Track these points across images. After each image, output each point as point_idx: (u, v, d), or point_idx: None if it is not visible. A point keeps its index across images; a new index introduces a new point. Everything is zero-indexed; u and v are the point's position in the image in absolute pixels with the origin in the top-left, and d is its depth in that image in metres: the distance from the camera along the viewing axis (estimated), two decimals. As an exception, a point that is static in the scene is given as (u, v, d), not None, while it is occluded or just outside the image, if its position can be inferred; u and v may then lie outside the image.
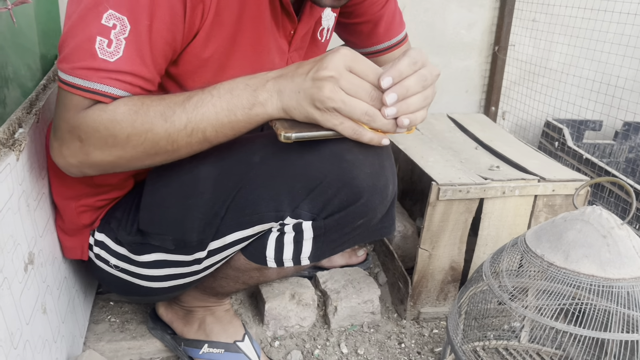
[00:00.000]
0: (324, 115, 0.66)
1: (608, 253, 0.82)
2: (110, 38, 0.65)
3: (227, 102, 0.68)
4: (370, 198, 0.75)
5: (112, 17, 0.65)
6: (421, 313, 1.23)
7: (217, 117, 0.68)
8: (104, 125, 0.67)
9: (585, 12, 1.68)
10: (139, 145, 0.69)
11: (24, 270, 0.72)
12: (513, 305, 0.86)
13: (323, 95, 0.64)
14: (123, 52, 0.66)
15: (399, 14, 1.03)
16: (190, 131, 0.68)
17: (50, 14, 1.14)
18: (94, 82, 0.66)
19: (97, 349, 1.04)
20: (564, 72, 1.78)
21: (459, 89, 1.90)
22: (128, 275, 0.89)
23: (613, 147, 1.83)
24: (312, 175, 0.74)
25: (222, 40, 0.75)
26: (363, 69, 0.66)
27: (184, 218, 0.79)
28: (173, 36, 0.69)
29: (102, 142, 0.69)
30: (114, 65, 0.66)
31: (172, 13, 0.67)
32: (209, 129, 0.68)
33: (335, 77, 0.64)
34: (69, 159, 0.71)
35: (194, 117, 0.68)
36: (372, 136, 0.69)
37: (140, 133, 0.68)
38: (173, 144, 0.69)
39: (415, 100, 0.67)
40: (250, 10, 0.77)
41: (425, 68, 0.67)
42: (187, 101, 0.68)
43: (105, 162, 0.71)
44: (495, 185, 1.15)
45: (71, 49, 0.66)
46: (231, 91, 0.68)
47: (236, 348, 1.03)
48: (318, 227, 0.78)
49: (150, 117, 0.67)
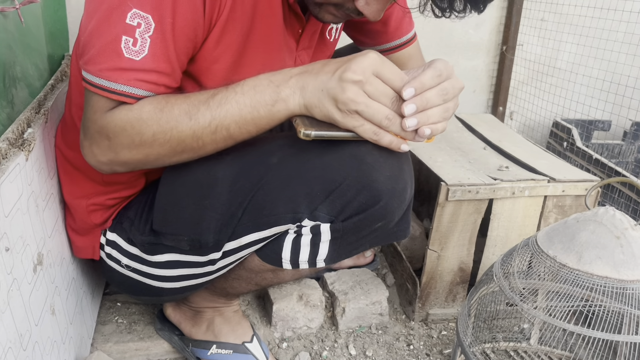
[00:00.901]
0: (345, 117, 0.67)
1: (622, 254, 0.81)
2: (135, 37, 0.66)
3: (250, 99, 0.68)
4: (389, 201, 0.75)
5: (137, 16, 0.65)
6: (430, 314, 1.22)
7: (240, 114, 0.68)
8: (131, 124, 0.68)
9: (594, 12, 1.67)
10: (165, 142, 0.70)
11: (33, 271, 0.72)
12: (524, 306, 0.85)
13: (347, 97, 0.65)
14: (148, 50, 0.66)
15: (408, 13, 1.02)
16: (215, 128, 0.69)
17: (58, 14, 1.13)
18: (120, 84, 0.67)
19: (105, 350, 1.04)
20: (572, 72, 1.77)
21: (466, 88, 1.89)
22: (139, 275, 0.89)
23: (622, 147, 1.82)
24: (331, 178, 0.73)
25: (235, 36, 0.75)
26: (390, 76, 0.66)
27: (200, 219, 0.79)
28: (195, 32, 0.70)
29: (129, 140, 0.70)
30: (140, 64, 0.67)
31: (193, 9, 0.68)
32: (232, 125, 0.69)
33: (362, 80, 0.64)
34: (99, 157, 0.73)
35: (218, 114, 0.68)
36: (391, 139, 0.69)
37: (165, 131, 0.69)
38: (198, 141, 0.70)
39: (435, 112, 0.67)
40: (262, 8, 0.77)
41: (449, 81, 0.68)
42: (211, 99, 0.69)
43: (134, 160, 0.72)
44: (505, 185, 1.14)
45: (97, 50, 0.67)
46: (255, 87, 0.68)
47: (244, 349, 1.02)
48: (336, 230, 0.78)
49: (175, 114, 0.68)
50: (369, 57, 0.65)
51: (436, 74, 0.67)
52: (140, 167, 0.75)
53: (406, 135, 0.69)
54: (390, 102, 0.67)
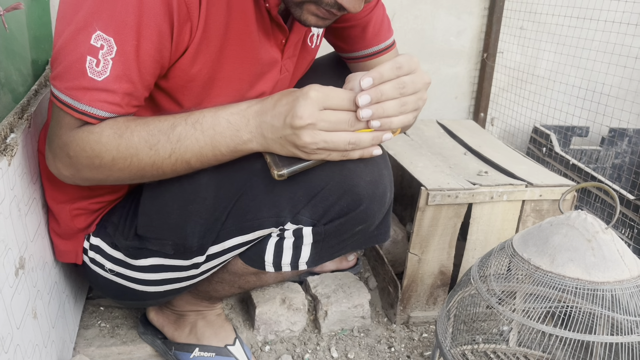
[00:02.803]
0: (310, 155, 0.70)
1: (593, 257, 0.83)
2: (98, 58, 0.67)
3: (210, 139, 0.70)
4: (370, 205, 0.77)
5: (100, 38, 0.67)
6: (411, 317, 1.24)
7: (201, 152, 0.71)
8: (90, 147, 0.70)
9: (571, 21, 1.71)
10: (125, 168, 0.72)
11: (15, 275, 0.72)
12: (500, 308, 0.87)
13: (304, 142, 0.67)
14: (110, 72, 0.68)
15: (387, 20, 1.05)
16: (175, 161, 0.72)
17: (42, 20, 1.14)
18: (84, 103, 0.68)
19: (87, 354, 1.04)
20: (551, 79, 1.81)
21: (448, 95, 1.92)
22: (123, 280, 0.89)
23: (600, 153, 1.86)
24: (313, 183, 0.75)
25: (210, 55, 0.76)
26: (337, 102, 0.67)
27: (184, 224, 0.80)
28: (161, 54, 0.71)
29: (89, 161, 0.72)
30: (102, 84, 0.68)
31: (160, 33, 0.69)
32: (193, 159, 0.72)
33: (312, 123, 0.66)
34: (62, 170, 0.75)
35: (178, 148, 0.71)
36: (361, 152, 0.71)
37: (125, 157, 0.71)
38: (158, 170, 0.73)
39: (391, 105, 0.68)
40: (236, 25, 0.77)
41: (410, 75, 0.68)
42: (170, 132, 0.71)
43: (96, 179, 0.75)
44: (484, 190, 1.17)
45: (64, 67, 0.68)
46: (214, 128, 0.70)
47: (227, 352, 1.03)
48: (318, 233, 0.79)
49: (134, 142, 0.70)
50: (310, 97, 0.66)
51: (395, 67, 0.67)
52: (104, 184, 0.77)
53: (372, 144, 0.70)
54: (348, 125, 0.68)
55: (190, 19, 0.71)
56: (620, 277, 0.83)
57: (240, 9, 0.77)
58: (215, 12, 0.74)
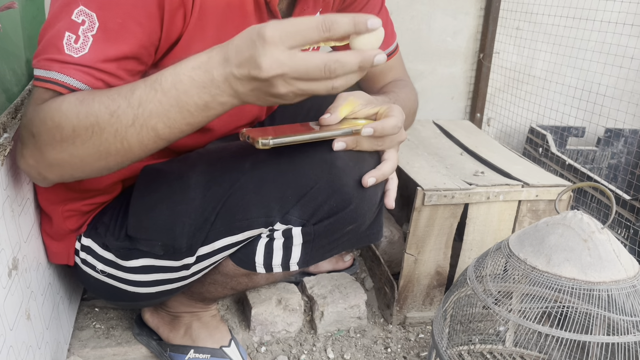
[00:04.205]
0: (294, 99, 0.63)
1: (589, 257, 0.83)
2: (78, 34, 0.64)
3: (175, 99, 0.62)
4: (360, 204, 0.76)
5: (82, 13, 0.64)
6: (407, 318, 1.24)
7: (167, 115, 0.63)
8: (51, 116, 0.64)
9: (567, 21, 1.71)
10: (87, 140, 0.64)
11: (8, 276, 0.72)
12: (497, 309, 0.87)
13: (280, 93, 0.61)
14: (89, 49, 0.65)
15: (390, 24, 1.04)
16: (140, 128, 0.63)
17: (36, 19, 1.13)
18: (54, 71, 0.65)
19: (82, 355, 1.03)
20: (547, 80, 1.81)
21: (444, 95, 1.92)
22: (115, 281, 0.89)
23: (596, 153, 1.86)
24: (302, 182, 0.74)
25: (205, 44, 0.75)
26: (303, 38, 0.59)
27: (173, 224, 0.79)
28: (149, 39, 0.69)
29: (50, 135, 0.65)
30: (78, 60, 0.65)
31: (148, 15, 0.67)
32: (159, 125, 0.63)
33: (280, 74, 0.59)
34: (28, 159, 0.69)
35: (141, 113, 0.63)
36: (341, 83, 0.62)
37: (86, 126, 0.63)
38: (123, 142, 0.64)
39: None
40: (234, 14, 0.77)
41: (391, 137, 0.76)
42: (130, 95, 0.63)
43: (60, 161, 0.67)
44: (480, 190, 1.17)
45: (42, 44, 0.66)
46: (176, 86, 0.62)
47: (222, 353, 1.03)
48: (307, 233, 0.79)
49: (95, 109, 0.63)
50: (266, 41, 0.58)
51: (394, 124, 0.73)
52: (70, 172, 0.69)
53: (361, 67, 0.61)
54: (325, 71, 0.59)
55: (183, 4, 0.70)
56: (617, 277, 0.83)
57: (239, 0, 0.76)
58: (212, 0, 0.73)
